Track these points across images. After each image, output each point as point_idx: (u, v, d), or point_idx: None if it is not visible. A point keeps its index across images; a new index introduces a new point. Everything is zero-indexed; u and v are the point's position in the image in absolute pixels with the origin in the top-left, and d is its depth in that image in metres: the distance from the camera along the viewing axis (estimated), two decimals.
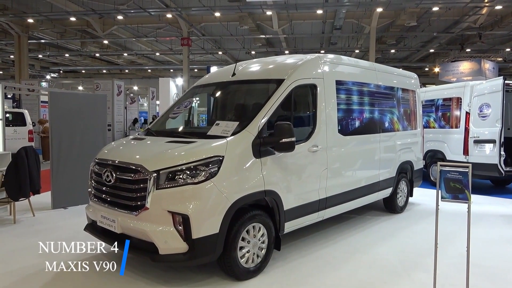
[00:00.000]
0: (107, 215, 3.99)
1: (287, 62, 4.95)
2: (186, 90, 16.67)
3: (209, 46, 29.24)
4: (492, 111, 8.14)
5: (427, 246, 5.24)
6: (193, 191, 3.60)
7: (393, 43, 26.04)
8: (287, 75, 4.56)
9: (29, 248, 5.01)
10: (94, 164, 4.35)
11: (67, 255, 4.66)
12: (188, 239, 3.56)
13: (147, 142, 4.46)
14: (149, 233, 3.60)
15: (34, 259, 4.64)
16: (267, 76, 4.79)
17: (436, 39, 25.37)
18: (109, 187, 3.99)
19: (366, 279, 4.17)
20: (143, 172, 3.68)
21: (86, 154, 7.17)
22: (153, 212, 3.62)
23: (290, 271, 4.32)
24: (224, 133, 4.10)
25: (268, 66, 5.04)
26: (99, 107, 7.51)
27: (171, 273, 4.19)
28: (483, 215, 7.02)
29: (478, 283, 4.14)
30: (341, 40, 27.86)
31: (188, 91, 5.68)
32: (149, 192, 3.62)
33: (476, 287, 4.02)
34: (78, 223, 6.08)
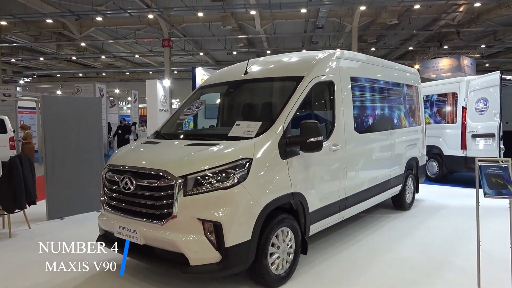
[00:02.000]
0: (126, 225, 3.70)
1: (304, 58, 4.78)
2: (170, 90, 16.13)
3: (189, 47, 28.82)
4: (489, 105, 8.22)
5: (446, 243, 5.20)
6: (224, 196, 3.38)
7: (373, 41, 26.32)
8: (306, 72, 4.40)
9: (34, 263, 4.66)
10: (107, 171, 4.06)
11: (76, 270, 4.36)
12: (221, 248, 3.34)
13: (165, 146, 4.19)
14: (178, 243, 3.35)
15: (43, 275, 4.30)
16: (285, 73, 4.60)
17: (415, 36, 25.82)
18: (128, 195, 3.71)
19: (397, 280, 4.05)
20: (168, 178, 3.43)
21: (81, 160, 6.84)
22: (181, 220, 3.37)
23: (318, 276, 4.15)
24: (247, 134, 3.89)
25: (283, 64, 4.85)
26: (94, 111, 7.15)
27: (200, 284, 3.95)
28: (486, 209, 7.01)
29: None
30: (322, 39, 27.99)
31: (195, 91, 5.43)
32: (176, 199, 3.37)
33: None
34: (80, 234, 5.75)
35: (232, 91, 5.00)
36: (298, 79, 4.32)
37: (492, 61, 32.64)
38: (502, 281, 3.91)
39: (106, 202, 4.04)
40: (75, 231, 5.95)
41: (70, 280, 4.13)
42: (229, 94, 5.07)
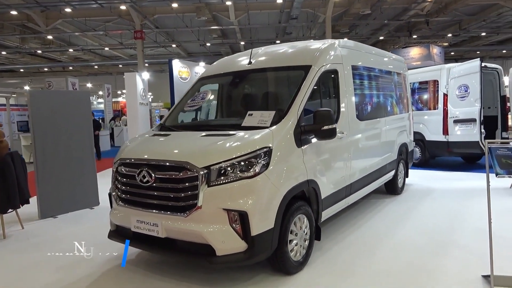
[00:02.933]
0: (145, 219, 3.65)
1: (308, 47, 4.82)
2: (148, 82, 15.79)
3: (161, 39, 28.21)
4: (470, 91, 8.58)
5: (444, 224, 5.42)
6: (248, 185, 3.39)
7: (346, 31, 26.71)
8: (313, 61, 4.44)
9: (39, 264, 4.52)
10: (118, 165, 3.96)
11: (85, 264, 4.28)
12: (247, 236, 3.36)
13: (179, 137, 4.13)
14: (204, 234, 3.34)
15: (52, 274, 4.18)
16: (292, 62, 4.62)
17: (386, 26, 26.38)
18: (146, 188, 3.64)
19: (408, 262, 4.19)
20: (191, 169, 3.40)
21: (72, 156, 6.65)
22: (206, 211, 3.36)
23: (331, 261, 4.25)
24: (261, 123, 3.90)
25: (289, 53, 4.87)
26: (83, 105, 6.92)
27: (215, 275, 3.95)
28: (473, 190, 7.41)
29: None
30: (295, 30, 28.11)
31: (196, 83, 5.36)
32: (200, 190, 3.36)
33: None
34: (77, 232, 5.64)
35: (237, 81, 4.97)
36: (306, 68, 4.36)
37: (457, 49, 33.88)
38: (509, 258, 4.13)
39: (119, 196, 3.95)
40: (72, 229, 5.79)
41: (81, 279, 4.02)
42: (234, 85, 5.04)
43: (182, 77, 18.53)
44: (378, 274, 3.89)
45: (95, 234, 5.49)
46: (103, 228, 5.71)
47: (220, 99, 5.34)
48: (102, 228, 5.75)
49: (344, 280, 3.77)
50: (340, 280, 3.77)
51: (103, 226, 5.81)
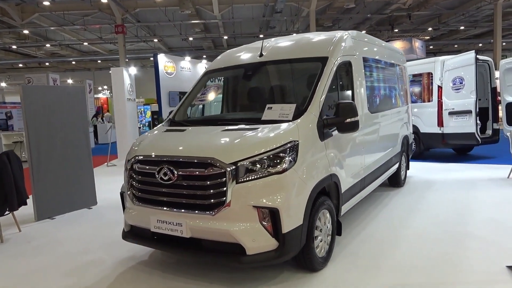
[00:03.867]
0: (167, 218, 3.47)
1: (322, 39, 4.70)
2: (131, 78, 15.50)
3: (142, 33, 27.61)
4: (465, 83, 8.68)
5: (454, 215, 5.45)
6: (278, 181, 3.26)
7: (329, 25, 26.79)
8: (329, 52, 4.33)
9: (46, 268, 4.27)
10: (134, 162, 3.76)
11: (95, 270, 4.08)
12: (278, 234, 3.24)
13: (197, 132, 3.95)
14: (234, 233, 3.20)
15: (62, 279, 3.95)
16: (307, 54, 4.49)
17: (368, 20, 26.62)
18: (167, 186, 3.47)
19: (430, 253, 4.17)
20: (217, 166, 3.24)
21: (69, 155, 6.38)
22: (235, 209, 3.21)
23: (353, 256, 4.18)
24: (283, 117, 3.78)
25: (302, 44, 4.74)
26: (78, 102, 6.61)
27: (236, 275, 3.82)
28: (472, 181, 7.51)
29: None
30: (278, 24, 28.00)
31: (202, 77, 5.17)
32: (229, 187, 3.21)
33: None
34: (79, 233, 5.41)
35: (249, 74, 4.81)
36: (323, 60, 4.25)
37: (435, 43, 34.54)
38: None
39: (136, 196, 3.76)
40: (73, 231, 5.53)
41: (96, 284, 3.82)
42: (246, 78, 4.87)
43: (167, 72, 18.18)
44: (404, 268, 3.84)
45: (99, 235, 5.27)
46: (106, 229, 5.52)
47: (230, 93, 5.17)
48: (105, 228, 5.56)
49: (371, 276, 3.70)
50: (367, 276, 3.70)
51: (106, 227, 5.62)
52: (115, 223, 5.78)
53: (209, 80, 5.16)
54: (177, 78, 18.66)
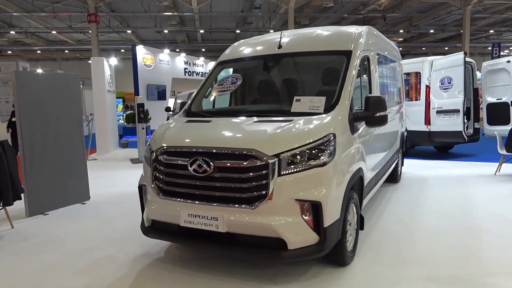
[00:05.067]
0: (201, 212, 3.32)
1: (342, 32, 4.66)
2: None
3: (115, 23, 26.68)
4: (454, 83, 8.97)
5: (457, 209, 5.61)
6: (320, 174, 3.19)
7: (306, 23, 26.99)
8: (352, 46, 4.30)
9: (54, 267, 3.98)
10: (160, 153, 3.57)
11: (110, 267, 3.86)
12: (319, 228, 3.17)
13: (226, 123, 3.80)
14: (276, 227, 3.10)
15: (75, 278, 3.70)
16: (330, 47, 4.43)
17: (344, 20, 27.02)
18: (201, 179, 3.31)
19: (449, 245, 4.24)
20: (259, 158, 3.13)
21: (63, 147, 6.04)
22: (277, 202, 3.12)
23: (376, 250, 4.18)
24: (313, 109, 3.71)
25: (323, 37, 4.67)
26: (73, 90, 6.25)
27: (263, 270, 3.72)
28: (462, 177, 7.77)
29: None
30: (255, 20, 27.91)
31: (215, 67, 5.00)
32: (270, 180, 3.11)
33: None
34: (80, 230, 5.15)
35: (270, 65, 4.69)
36: (348, 53, 4.22)
37: (405, 45, 35.65)
38: None
39: (161, 189, 3.57)
40: (71, 227, 5.22)
41: (113, 283, 3.60)
42: (264, 69, 4.76)
43: (146, 64, 17.69)
44: (429, 260, 3.88)
45: (102, 232, 5.01)
46: (107, 225, 5.26)
47: (248, 84, 5.01)
48: (106, 224, 5.30)
49: (400, 269, 3.71)
50: (396, 270, 3.70)
51: (106, 223, 5.36)
52: (116, 219, 5.54)
53: (222, 70, 5.01)
54: (155, 71, 18.20)
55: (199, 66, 22.24)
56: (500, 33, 32.24)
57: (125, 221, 5.39)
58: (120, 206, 6.20)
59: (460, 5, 23.81)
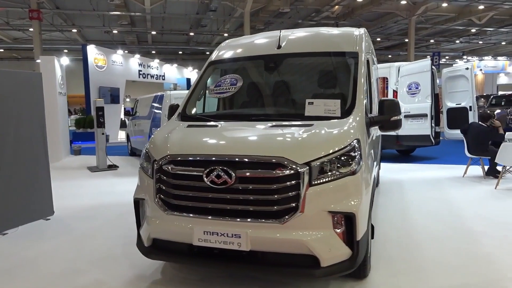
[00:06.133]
0: (219, 229, 2.93)
1: (343, 34, 4.49)
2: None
3: (59, 21, 24.95)
4: (421, 88, 9.24)
5: (446, 212, 5.67)
6: (351, 183, 2.95)
7: (261, 28, 27.03)
8: (358, 48, 4.14)
9: None
10: (165, 163, 3.13)
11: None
12: (352, 242, 2.93)
13: (241, 129, 3.44)
14: (309, 243, 2.80)
15: None
16: (333, 48, 4.23)
17: (297, 26, 27.40)
18: (220, 191, 2.94)
19: (457, 249, 4.21)
20: (288, 167, 2.82)
21: (22, 154, 5.33)
22: (309, 215, 2.82)
23: (385, 259, 4.02)
24: (329, 113, 3.49)
25: (325, 38, 4.46)
26: (35, 90, 5.52)
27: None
28: (435, 180, 7.98)
29: None
30: (209, 23, 27.49)
31: (207, 68, 4.60)
32: (302, 190, 2.81)
33: None
34: (53, 250, 4.57)
35: (270, 67, 4.38)
36: (354, 55, 4.05)
37: None
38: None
39: (168, 203, 3.14)
40: (40, 247, 4.55)
41: None
42: (264, 70, 4.44)
43: (98, 65, 16.65)
44: (442, 268, 3.78)
45: (80, 251, 4.40)
46: (83, 243, 4.67)
47: (245, 86, 4.65)
48: (81, 242, 4.70)
49: (419, 279, 3.56)
50: (415, 279, 3.55)
51: (82, 241, 4.75)
52: (91, 236, 4.94)
53: (214, 71, 4.64)
54: (108, 72, 17.17)
55: (154, 68, 21.42)
56: (439, 43, 34.55)
57: (102, 238, 4.81)
58: (91, 221, 5.56)
59: (406, 15, 25.14)
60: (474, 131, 7.68)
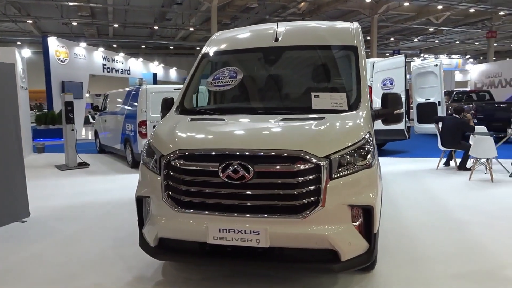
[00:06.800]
0: (236, 226, 2.82)
1: (339, 28, 4.46)
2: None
3: (12, 11, 23.42)
4: (395, 84, 9.49)
5: (431, 203, 5.85)
6: (368, 176, 2.94)
7: (227, 22, 26.78)
8: (356, 41, 4.14)
9: None
10: (174, 158, 2.97)
11: None
12: (369, 234, 2.92)
13: (252, 122, 3.33)
14: (331, 237, 2.76)
15: None
16: (332, 42, 4.20)
17: (264, 21, 27.38)
18: (237, 187, 2.82)
19: (453, 240, 4.32)
20: (309, 160, 2.76)
21: None
22: (330, 209, 2.78)
23: (384, 251, 4.07)
24: (336, 106, 3.48)
25: (320, 32, 4.41)
26: (7, 82, 5.12)
27: (295, 284, 3.35)
28: (411, 172, 8.24)
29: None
30: (174, 17, 26.87)
31: (201, 60, 4.43)
32: (322, 184, 2.76)
33: None
34: (38, 254, 4.27)
35: (269, 59, 4.28)
36: (354, 49, 4.05)
37: None
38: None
39: (178, 200, 2.99)
40: (25, 251, 4.23)
41: None
42: (263, 63, 4.33)
43: (60, 58, 15.84)
44: (443, 258, 3.88)
45: (69, 254, 4.14)
46: (70, 245, 4.41)
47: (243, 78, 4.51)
48: (68, 245, 4.44)
49: (423, 269, 3.62)
50: (419, 270, 3.61)
51: (67, 243, 4.49)
52: (77, 238, 4.68)
53: (208, 63, 4.49)
54: (70, 66, 16.33)
55: (119, 62, 20.64)
56: (398, 41, 35.82)
57: (90, 240, 4.54)
58: (73, 222, 5.24)
59: (369, 13, 25.82)
60: (449, 123, 8.00)
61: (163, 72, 30.37)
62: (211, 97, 4.73)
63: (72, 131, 9.26)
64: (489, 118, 11.92)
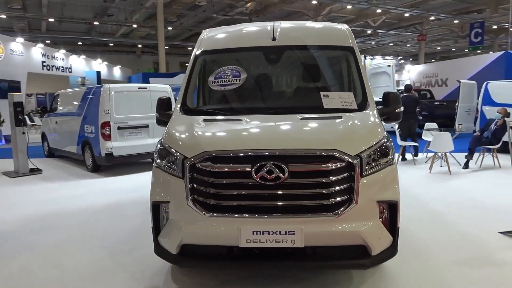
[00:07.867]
0: (271, 227, 2.77)
1: (332, 28, 4.53)
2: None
3: None
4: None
5: (411, 197, 6.17)
6: (392, 172, 3.07)
7: (173, 20, 26.12)
8: (350, 42, 4.26)
9: None
10: (201, 160, 2.86)
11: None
12: (393, 229, 3.04)
13: (275, 122, 3.26)
14: (364, 233, 2.82)
15: None
16: (329, 42, 4.27)
17: (210, 20, 27.15)
18: (271, 188, 2.78)
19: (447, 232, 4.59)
20: (341, 159, 2.80)
21: None
22: (362, 206, 2.84)
23: None
24: (346, 105, 3.57)
25: (316, 32, 4.45)
26: None
27: (313, 284, 3.38)
28: None
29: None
30: (117, 12, 25.65)
31: (197, 59, 4.28)
32: (356, 182, 2.82)
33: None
34: (25, 270, 3.93)
35: (269, 58, 4.23)
36: (350, 49, 4.16)
37: None
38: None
39: (208, 204, 2.88)
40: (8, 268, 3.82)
41: None
42: (264, 62, 4.27)
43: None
44: (439, 245, 4.14)
45: (60, 268, 3.82)
46: (55, 259, 4.14)
47: None
48: (53, 258, 4.15)
49: (427, 259, 3.83)
50: (423, 260, 3.83)
51: (53, 257, 4.19)
52: (62, 250, 4.33)
53: (204, 62, 4.36)
54: (6, 63, 14.92)
55: (60, 59, 19.25)
56: None
57: (79, 251, 4.24)
58: (51, 233, 4.83)
59: (313, 15, 26.64)
60: (406, 100, 8.48)
61: (107, 71, 28.86)
62: (206, 96, 4.59)
63: (23, 134, 8.49)
64: (432, 115, 12.87)
